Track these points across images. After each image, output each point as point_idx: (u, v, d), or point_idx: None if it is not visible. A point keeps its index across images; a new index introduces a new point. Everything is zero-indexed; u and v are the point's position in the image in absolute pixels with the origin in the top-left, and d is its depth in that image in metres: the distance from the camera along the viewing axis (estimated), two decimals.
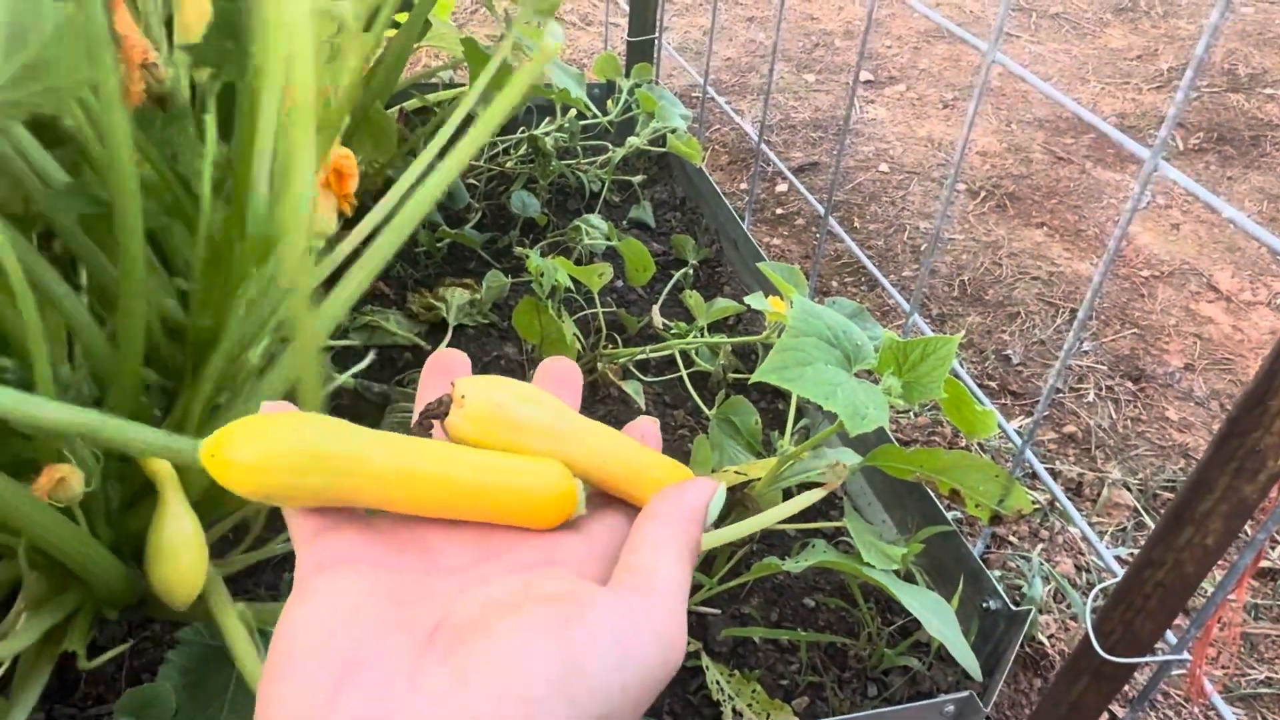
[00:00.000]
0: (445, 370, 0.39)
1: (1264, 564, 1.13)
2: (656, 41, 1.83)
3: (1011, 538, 1.15)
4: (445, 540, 0.33)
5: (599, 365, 1.20)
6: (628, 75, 1.71)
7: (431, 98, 1.60)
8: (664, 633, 0.29)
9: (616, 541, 0.34)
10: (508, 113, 0.63)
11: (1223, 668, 1.01)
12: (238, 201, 0.67)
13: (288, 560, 0.92)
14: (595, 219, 1.45)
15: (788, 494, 1.07)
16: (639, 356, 1.24)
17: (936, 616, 0.81)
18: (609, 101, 1.72)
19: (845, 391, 0.72)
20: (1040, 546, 1.13)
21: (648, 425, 0.40)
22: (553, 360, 0.40)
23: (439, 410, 0.34)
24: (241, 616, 0.70)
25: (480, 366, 1.22)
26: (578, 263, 1.38)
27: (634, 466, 0.36)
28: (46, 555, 0.68)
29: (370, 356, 1.07)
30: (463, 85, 1.68)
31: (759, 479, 0.91)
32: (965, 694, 0.79)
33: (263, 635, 0.71)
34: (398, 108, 1.55)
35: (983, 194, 1.91)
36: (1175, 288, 1.65)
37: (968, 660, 0.77)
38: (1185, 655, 0.69)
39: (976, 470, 0.82)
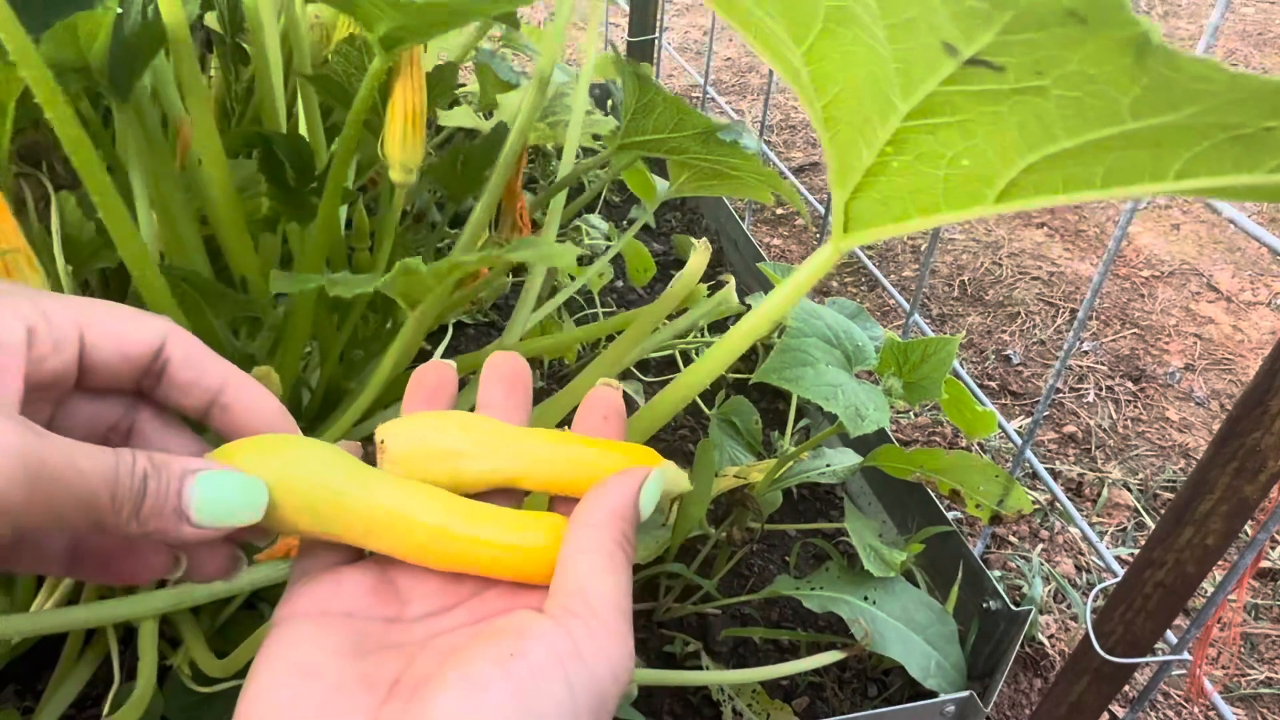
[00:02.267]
0: (430, 389, 0.37)
1: (1264, 564, 1.13)
2: (656, 41, 1.82)
3: (1011, 538, 1.15)
4: (416, 585, 0.33)
5: None
6: None
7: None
8: (607, 651, 0.29)
9: None
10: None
11: (1223, 668, 1.01)
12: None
13: None
14: (595, 219, 1.45)
15: (788, 494, 1.07)
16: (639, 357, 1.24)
17: (934, 627, 0.82)
18: (609, 101, 1.72)
19: (846, 392, 0.72)
20: (1040, 546, 1.13)
21: (608, 397, 0.38)
22: (497, 358, 0.38)
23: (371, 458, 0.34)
24: None
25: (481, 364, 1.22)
26: (578, 263, 1.38)
27: (587, 467, 0.35)
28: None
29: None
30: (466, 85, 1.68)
31: (759, 480, 0.91)
32: (965, 694, 0.79)
33: None
34: None
35: None
36: (1175, 288, 1.65)
37: (949, 686, 0.79)
38: (1185, 655, 0.69)
39: (976, 470, 0.82)
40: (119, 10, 0.54)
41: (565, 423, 0.44)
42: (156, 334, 0.32)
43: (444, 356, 1.22)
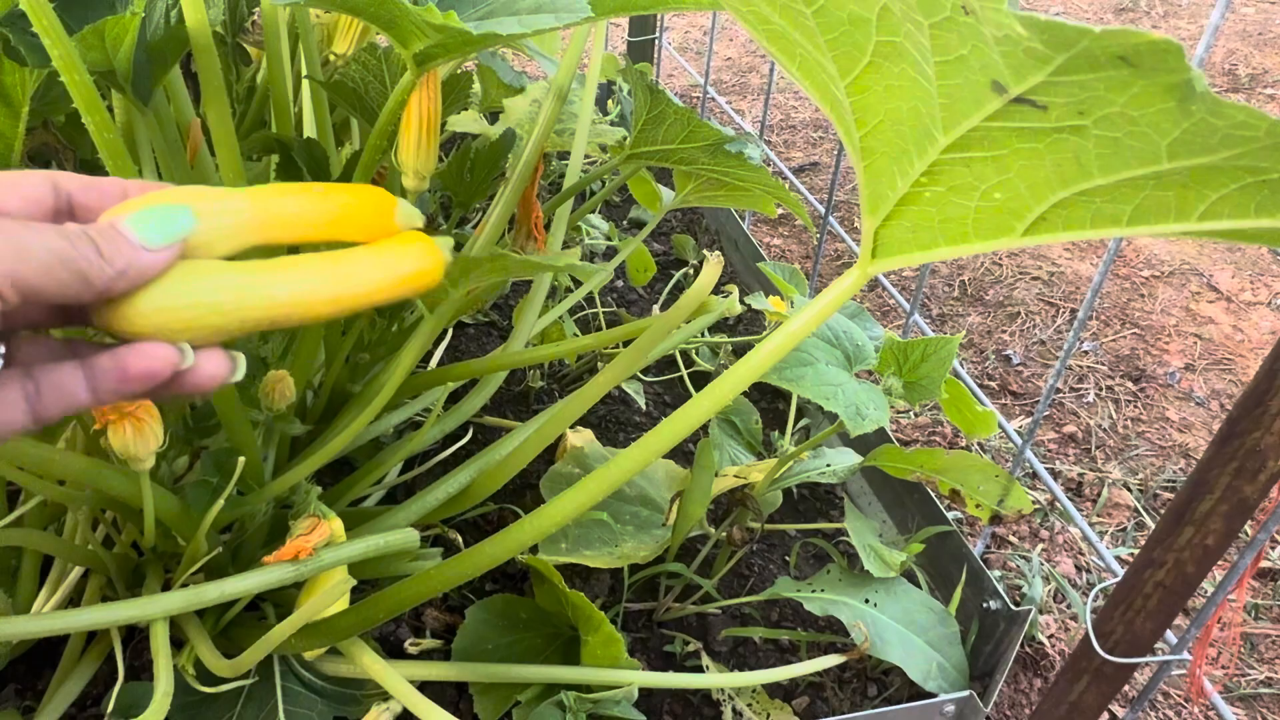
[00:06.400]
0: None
1: (1264, 564, 1.13)
2: (657, 41, 1.83)
3: (1012, 538, 1.15)
4: None
5: (600, 365, 1.20)
6: None
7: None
8: None
9: None
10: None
11: (1223, 668, 1.01)
12: None
13: None
14: (596, 219, 1.45)
15: (788, 494, 1.07)
16: None
17: (936, 629, 0.82)
18: (609, 101, 1.72)
19: (846, 392, 0.72)
20: (1040, 546, 1.13)
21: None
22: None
23: None
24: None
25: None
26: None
27: (321, 218, 0.39)
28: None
29: None
30: None
31: (759, 480, 0.91)
32: (965, 694, 0.79)
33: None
34: None
35: None
36: (1175, 288, 1.65)
37: (949, 688, 0.79)
38: (1185, 655, 0.69)
39: (977, 470, 0.82)
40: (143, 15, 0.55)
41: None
42: (42, 174, 0.36)
43: (444, 357, 1.22)
